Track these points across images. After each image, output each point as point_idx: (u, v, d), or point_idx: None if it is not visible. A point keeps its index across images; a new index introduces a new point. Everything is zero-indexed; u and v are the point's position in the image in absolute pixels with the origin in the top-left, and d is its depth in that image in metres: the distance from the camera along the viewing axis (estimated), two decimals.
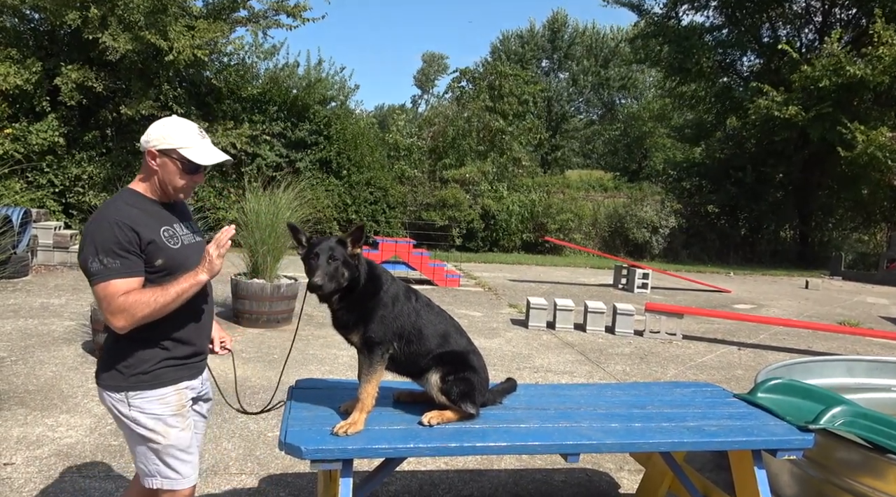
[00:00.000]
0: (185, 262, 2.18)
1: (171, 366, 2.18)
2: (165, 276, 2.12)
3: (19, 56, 13.64)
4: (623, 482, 3.86)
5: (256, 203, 7.48)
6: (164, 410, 2.17)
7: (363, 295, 2.45)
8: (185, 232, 2.29)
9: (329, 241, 2.39)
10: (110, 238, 2.03)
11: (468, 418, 2.56)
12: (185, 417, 2.23)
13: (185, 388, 2.25)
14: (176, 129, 2.18)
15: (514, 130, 20.73)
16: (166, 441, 2.17)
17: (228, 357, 2.75)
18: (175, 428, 2.19)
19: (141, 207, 2.16)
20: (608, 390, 3.22)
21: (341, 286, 2.39)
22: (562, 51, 44.83)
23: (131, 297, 2.01)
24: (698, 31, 21.75)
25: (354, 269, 2.42)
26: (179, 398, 2.21)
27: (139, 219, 2.10)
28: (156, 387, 2.15)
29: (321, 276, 2.30)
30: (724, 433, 2.56)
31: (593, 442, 2.42)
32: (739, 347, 7.88)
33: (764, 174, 20.85)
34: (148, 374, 2.14)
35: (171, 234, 2.19)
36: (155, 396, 2.15)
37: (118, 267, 2.02)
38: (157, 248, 2.11)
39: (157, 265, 2.11)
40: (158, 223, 2.17)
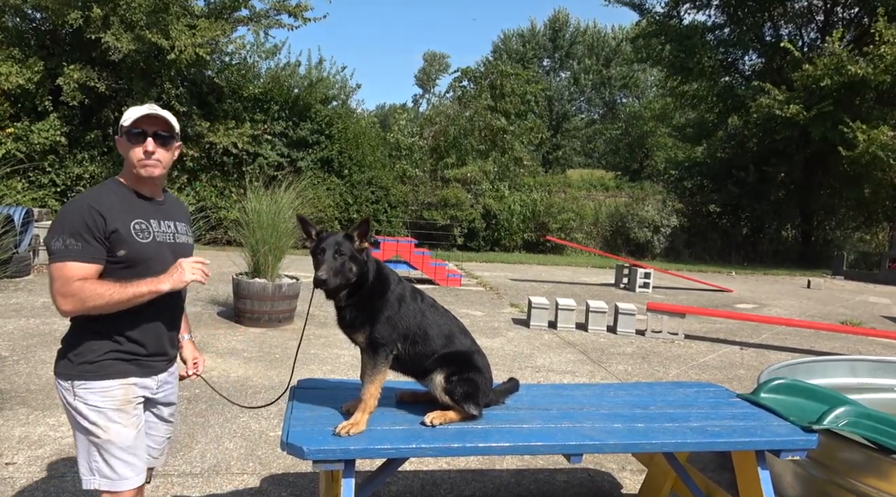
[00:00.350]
0: (151, 259, 2.13)
1: (118, 359, 2.12)
2: (126, 269, 2.08)
3: (21, 55, 13.67)
4: (625, 482, 3.85)
5: (258, 202, 7.47)
6: (106, 403, 2.10)
7: (370, 294, 2.43)
8: (165, 230, 2.22)
9: (336, 235, 2.36)
10: (77, 220, 2.01)
11: (471, 419, 2.55)
12: (128, 414, 2.14)
13: (134, 384, 2.16)
14: (130, 109, 2.17)
15: (516, 130, 20.73)
16: (105, 436, 2.10)
17: (230, 359, 2.72)
18: (117, 424, 2.11)
19: (120, 197, 2.14)
20: (611, 390, 3.21)
21: (349, 281, 2.36)
22: (563, 50, 44.81)
23: (88, 284, 1.99)
24: (700, 30, 21.74)
25: (363, 264, 2.39)
26: (125, 393, 2.13)
27: (112, 207, 2.08)
28: (101, 378, 2.10)
29: (326, 271, 2.27)
30: (728, 434, 2.55)
31: (596, 442, 2.40)
32: (741, 347, 7.86)
33: (766, 173, 20.83)
34: (94, 364, 2.09)
35: (142, 227, 2.13)
36: (98, 388, 2.09)
37: (78, 250, 2.00)
38: (120, 239, 2.06)
39: (118, 256, 2.07)
40: (131, 215, 2.12)
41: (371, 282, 2.43)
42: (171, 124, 2.20)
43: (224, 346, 6.30)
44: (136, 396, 2.18)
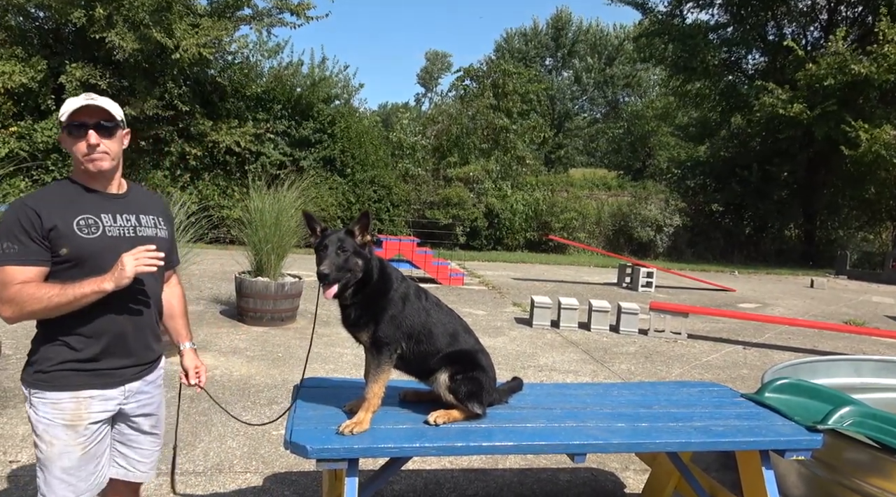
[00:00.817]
0: (99, 255, 1.95)
1: (73, 369, 1.95)
2: (75, 268, 1.93)
3: (24, 54, 13.70)
4: (628, 482, 3.84)
5: (260, 201, 7.47)
6: (55, 417, 1.94)
7: (375, 292, 2.42)
8: (122, 223, 2.04)
9: (339, 232, 2.36)
10: (12, 222, 1.89)
11: (475, 418, 2.54)
12: (76, 433, 1.96)
13: (90, 397, 1.97)
14: (66, 103, 2.01)
15: (518, 129, 20.71)
16: (49, 451, 1.95)
17: (233, 358, 2.69)
18: (61, 441, 1.94)
19: (64, 194, 2.00)
20: (614, 390, 3.21)
21: (356, 277, 2.34)
22: (565, 48, 44.77)
23: (26, 289, 1.85)
24: (703, 29, 21.70)
25: (367, 259, 2.36)
26: (76, 407, 1.95)
27: (53, 204, 1.94)
28: (52, 389, 1.94)
29: (328, 266, 2.24)
30: (732, 433, 2.54)
31: (600, 442, 2.40)
32: (745, 347, 7.85)
33: (769, 173, 20.79)
34: (47, 373, 1.94)
35: (89, 222, 1.97)
36: (49, 400, 1.94)
37: (14, 252, 1.87)
38: (59, 236, 1.91)
39: (61, 255, 1.92)
40: (77, 210, 1.97)
41: (375, 279, 2.41)
42: (112, 113, 2.04)
43: (227, 345, 6.30)
44: (93, 412, 1.99)
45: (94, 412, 1.99)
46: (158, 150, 15.37)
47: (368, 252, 2.39)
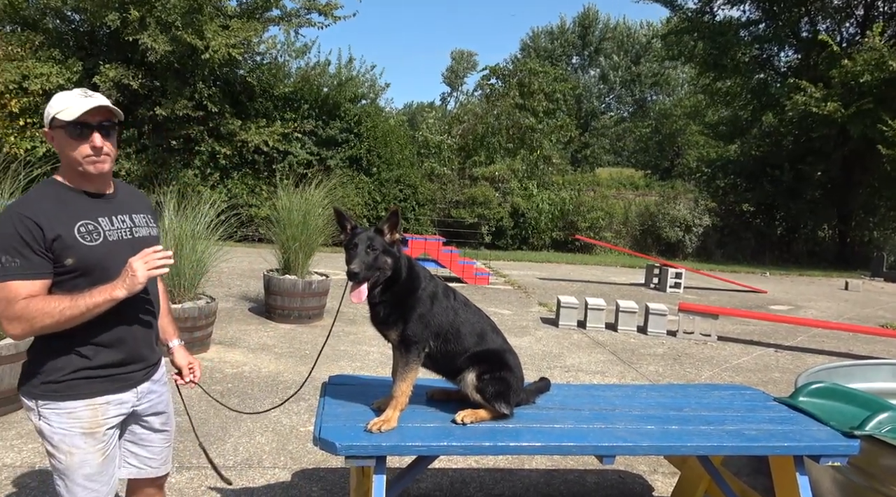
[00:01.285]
0: (104, 262, 1.90)
1: (87, 377, 1.91)
2: (81, 278, 1.86)
3: (61, 56, 14.04)
4: (657, 485, 3.80)
5: (288, 200, 7.55)
6: (72, 427, 1.90)
7: (403, 290, 2.42)
8: (119, 226, 1.98)
9: (369, 231, 2.36)
10: (10, 233, 1.78)
11: (502, 418, 2.54)
12: (96, 440, 1.94)
13: (106, 403, 1.95)
14: (56, 99, 1.90)
15: (545, 128, 20.59)
16: (69, 461, 1.91)
17: (261, 354, 2.71)
18: (81, 449, 1.91)
19: (57, 199, 1.89)
20: (643, 391, 3.17)
21: (385, 275, 2.35)
22: (592, 47, 44.40)
23: (33, 303, 1.77)
24: (734, 26, 21.29)
25: (396, 258, 2.37)
26: (93, 415, 1.92)
27: (49, 212, 1.84)
28: (66, 399, 1.89)
29: (358, 264, 2.25)
30: (766, 438, 2.49)
31: (629, 444, 2.37)
32: (776, 349, 7.70)
33: (802, 172, 20.33)
34: (59, 384, 1.89)
35: (90, 228, 1.89)
36: (64, 410, 1.89)
37: (17, 266, 1.77)
38: (64, 246, 1.83)
39: (67, 265, 1.84)
40: (75, 216, 1.88)
41: (404, 277, 2.42)
42: (114, 112, 1.96)
43: (255, 342, 6.39)
44: (109, 417, 1.97)
45: (110, 417, 1.98)
46: (189, 149, 15.64)
47: (398, 251, 2.40)
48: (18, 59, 13.64)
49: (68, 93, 1.92)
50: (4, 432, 3.90)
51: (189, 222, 6.02)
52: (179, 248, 5.82)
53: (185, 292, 5.89)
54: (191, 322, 5.69)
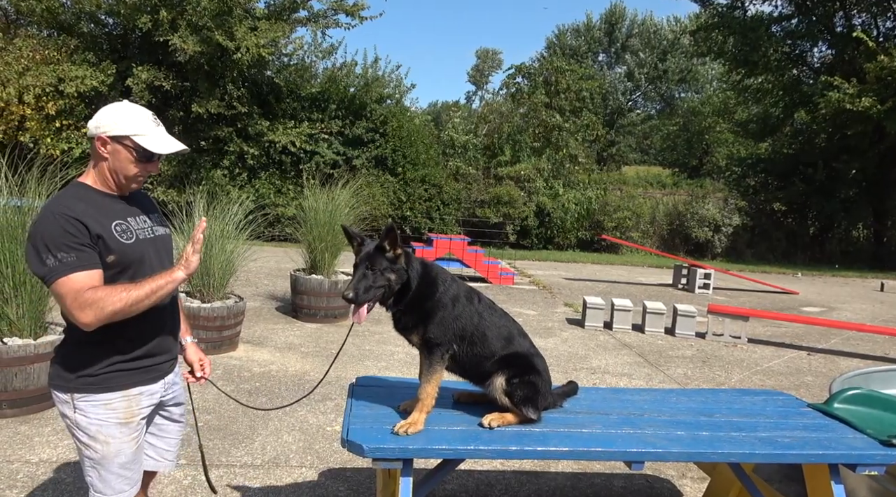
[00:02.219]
0: (139, 258, 2.02)
1: (122, 370, 2.02)
2: (118, 274, 1.97)
3: (95, 59, 14.36)
4: (686, 490, 3.74)
5: (314, 200, 7.62)
6: (109, 417, 2.00)
7: (419, 297, 2.44)
8: (142, 226, 2.10)
9: (368, 247, 2.38)
10: (59, 233, 1.87)
11: (529, 422, 2.53)
12: (130, 429, 2.05)
13: (140, 394, 2.07)
14: (129, 114, 2.01)
15: (571, 127, 20.42)
16: (106, 450, 2.01)
17: (288, 353, 2.74)
18: (117, 439, 2.02)
19: (89, 201, 1.99)
20: (672, 396, 3.12)
21: (392, 290, 2.38)
22: (619, 44, 43.92)
23: (100, 291, 1.86)
24: (765, 21, 20.84)
25: (401, 271, 2.38)
26: (129, 405, 2.03)
27: (87, 212, 1.94)
28: (103, 391, 1.99)
29: (352, 290, 2.30)
30: (800, 445, 2.44)
31: (659, 450, 2.35)
32: (809, 352, 7.53)
33: (836, 170, 19.83)
34: (96, 377, 1.98)
35: (123, 228, 2.01)
36: (101, 401, 1.99)
37: (74, 260, 1.86)
38: (106, 245, 1.94)
39: (108, 262, 1.95)
40: (109, 217, 1.99)
41: (417, 285, 2.42)
42: None
43: (282, 341, 6.46)
44: (143, 407, 2.09)
45: (143, 407, 2.09)
46: (218, 149, 15.86)
47: (404, 262, 2.40)
48: (55, 62, 13.98)
49: (143, 114, 2.05)
50: (41, 428, 4.00)
51: (218, 222, 6.11)
52: (209, 248, 5.92)
53: (214, 292, 5.98)
54: (220, 321, 5.77)
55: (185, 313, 2.49)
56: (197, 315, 5.64)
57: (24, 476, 3.39)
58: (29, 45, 14.19)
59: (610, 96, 40.13)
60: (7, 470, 3.44)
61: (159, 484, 3.40)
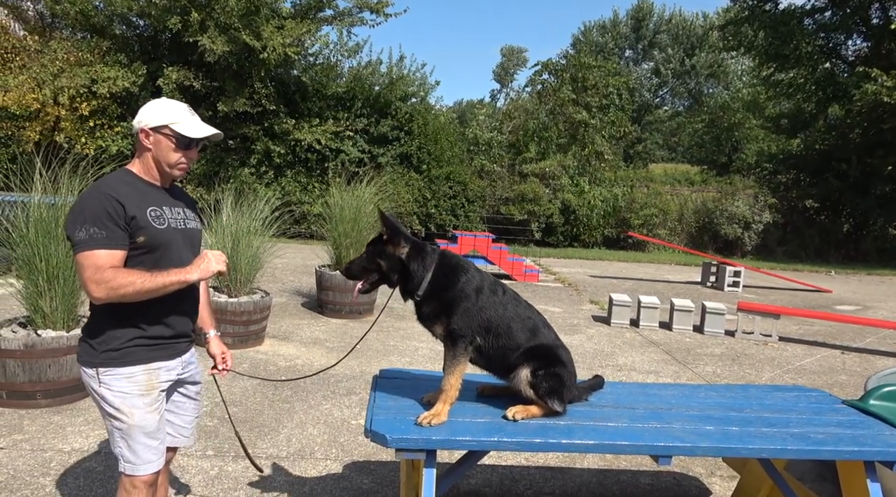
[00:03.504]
0: (167, 244, 2.18)
1: (142, 345, 2.17)
2: (146, 255, 2.13)
3: (126, 61, 14.65)
4: (714, 488, 3.67)
5: (340, 197, 7.66)
6: (131, 389, 2.14)
7: (437, 287, 2.45)
8: (176, 216, 2.26)
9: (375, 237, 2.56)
10: (98, 209, 2.04)
11: (553, 415, 2.50)
12: (152, 399, 2.20)
13: (159, 369, 2.21)
14: (166, 107, 2.20)
15: (598, 123, 20.22)
16: (131, 421, 2.15)
17: (314, 348, 2.77)
18: (140, 409, 2.16)
19: (133, 186, 2.17)
20: (701, 391, 3.06)
21: (386, 276, 2.51)
22: (646, 40, 43.38)
23: (119, 273, 2.02)
24: (797, 14, 20.37)
25: (394, 259, 2.48)
26: (149, 378, 2.18)
27: (128, 195, 2.11)
28: (125, 365, 2.14)
29: (344, 267, 2.63)
30: (834, 441, 2.37)
31: (687, 445, 2.30)
32: (843, 351, 7.34)
33: (871, 166, 19.29)
34: (118, 351, 2.13)
35: (157, 214, 2.17)
36: (123, 374, 2.14)
37: (103, 237, 2.03)
38: (138, 226, 2.09)
39: (138, 242, 2.10)
40: (146, 202, 2.16)
41: (434, 275, 2.47)
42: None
43: (308, 336, 6.51)
44: (161, 381, 2.23)
45: (162, 381, 2.24)
46: (245, 148, 16.07)
47: (407, 252, 2.47)
48: (88, 64, 14.30)
49: (179, 105, 2.24)
50: (74, 418, 4.09)
51: (245, 219, 6.17)
52: (236, 244, 5.99)
53: (241, 287, 6.05)
54: (246, 316, 5.84)
55: (213, 308, 2.56)
56: (224, 310, 5.71)
57: (56, 464, 3.46)
58: (63, 48, 14.53)
59: (636, 93, 39.63)
60: (41, 458, 3.52)
61: (187, 474, 3.44)
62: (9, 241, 4.38)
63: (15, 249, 4.35)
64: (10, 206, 4.73)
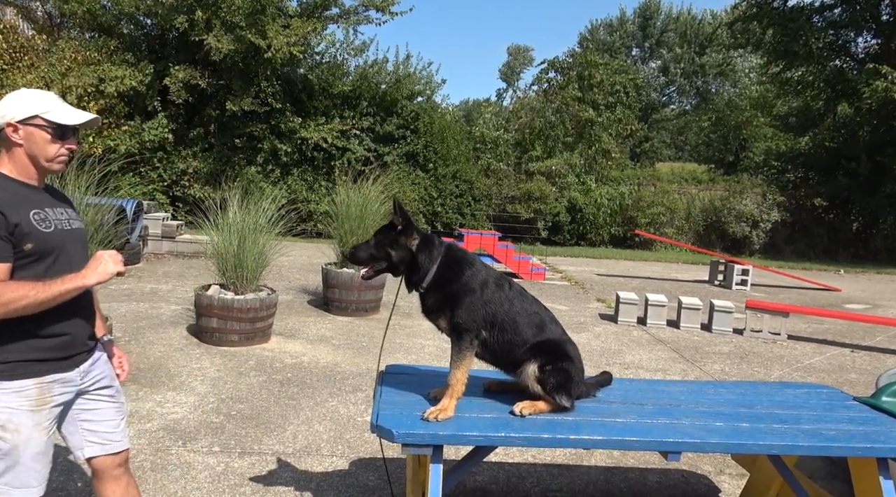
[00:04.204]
0: (58, 248, 2.03)
1: (36, 359, 2.00)
2: (36, 262, 1.98)
3: (134, 60, 14.70)
4: (724, 486, 3.64)
5: (346, 195, 7.66)
6: (20, 404, 1.96)
7: (442, 279, 2.46)
8: (60, 217, 2.10)
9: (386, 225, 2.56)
10: None
11: (561, 411, 2.48)
12: (42, 417, 2.01)
13: (53, 382, 2.04)
14: (32, 96, 2.03)
15: (604, 121, 20.15)
16: (16, 438, 1.97)
17: (320, 345, 2.75)
18: (27, 427, 1.98)
19: (7, 189, 1.99)
20: (710, 388, 3.03)
21: (393, 265, 2.51)
22: (653, 38, 43.24)
23: (9, 287, 1.87)
24: (806, 11, 20.23)
25: (404, 249, 2.48)
26: (41, 393, 2.00)
27: (5, 201, 1.94)
28: (16, 378, 1.96)
29: (350, 249, 2.63)
30: (846, 438, 2.34)
31: (696, 441, 2.27)
32: (852, 349, 7.28)
33: (880, 164, 19.12)
34: (8, 364, 1.96)
35: (41, 217, 2.01)
36: (13, 389, 1.96)
37: None
38: (23, 232, 1.94)
39: (26, 250, 1.95)
40: (27, 206, 1.99)
41: (438, 267, 2.47)
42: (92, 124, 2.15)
43: (314, 334, 6.51)
44: (55, 395, 2.05)
45: (55, 395, 2.06)
46: (252, 147, 16.09)
47: (416, 243, 2.48)
48: (95, 63, 14.35)
49: (42, 93, 2.05)
50: None
51: (251, 216, 6.17)
52: (242, 241, 5.99)
53: (247, 284, 6.04)
54: (253, 313, 5.84)
55: (220, 305, 2.50)
56: (230, 307, 5.71)
57: (62, 460, 3.46)
58: (71, 47, 14.57)
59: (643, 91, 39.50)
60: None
61: (193, 470, 3.45)
62: None
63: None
64: None
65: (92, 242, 4.57)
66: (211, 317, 5.76)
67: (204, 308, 5.78)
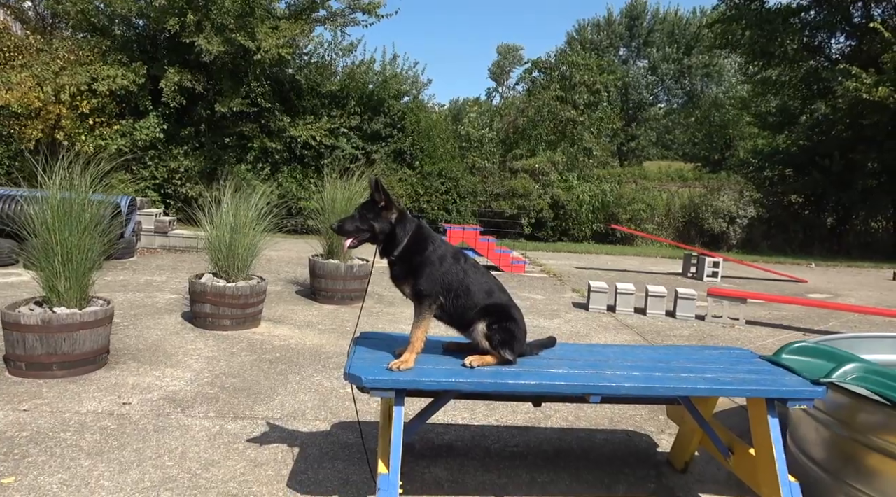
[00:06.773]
0: None
1: None
2: None
3: (126, 60, 15.04)
4: (662, 443, 4.11)
5: (333, 190, 8.09)
6: None
7: (409, 251, 2.91)
8: None
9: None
10: None
11: (506, 364, 2.94)
12: None
13: None
14: None
15: (586, 120, 20.66)
16: None
17: (306, 330, 3.11)
18: None
19: None
20: (639, 350, 3.51)
21: (376, 237, 2.93)
22: (640, 38, 43.87)
23: None
24: (783, 12, 20.86)
25: (386, 223, 2.92)
26: None
27: None
28: None
29: (336, 222, 2.99)
30: (738, 383, 2.81)
31: (613, 384, 2.74)
32: (805, 333, 7.79)
33: (853, 161, 19.79)
34: None
35: None
36: None
37: None
38: None
39: None
40: None
41: (408, 241, 2.92)
42: None
43: (301, 320, 6.94)
44: None
45: None
46: (242, 145, 16.48)
47: (394, 218, 2.92)
48: (88, 62, 14.68)
49: None
50: (87, 386, 4.53)
51: (243, 210, 6.59)
52: (234, 232, 6.41)
53: (238, 273, 6.48)
54: (243, 299, 6.27)
55: (213, 292, 2.85)
56: (223, 293, 6.14)
57: (74, 423, 3.89)
58: (64, 47, 14.90)
59: (632, 90, 40.11)
60: (60, 418, 3.95)
61: (191, 431, 3.88)
62: (32, 229, 4.80)
63: (36, 236, 4.77)
64: (26, 200, 5.16)
65: (93, 235, 4.99)
66: (204, 303, 6.19)
67: (198, 295, 6.21)
